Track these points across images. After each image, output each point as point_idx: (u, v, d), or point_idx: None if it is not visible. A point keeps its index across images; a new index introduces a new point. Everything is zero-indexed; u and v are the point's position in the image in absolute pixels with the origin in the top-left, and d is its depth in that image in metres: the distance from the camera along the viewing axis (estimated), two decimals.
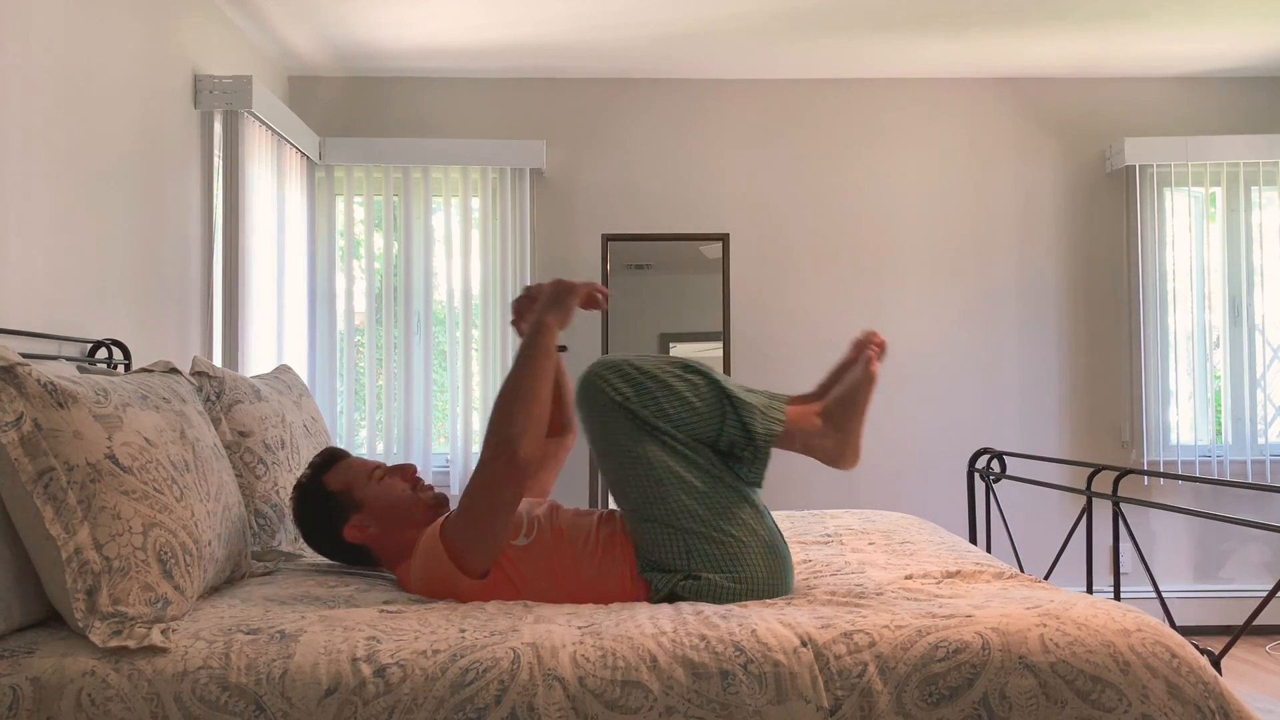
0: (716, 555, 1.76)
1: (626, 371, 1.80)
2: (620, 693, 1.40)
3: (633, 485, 1.79)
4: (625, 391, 1.78)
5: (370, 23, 3.62)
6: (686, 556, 1.76)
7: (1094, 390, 4.29)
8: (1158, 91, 4.31)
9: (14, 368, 1.52)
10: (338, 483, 1.95)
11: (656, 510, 1.77)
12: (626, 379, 1.80)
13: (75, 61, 2.46)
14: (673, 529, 1.76)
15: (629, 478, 1.79)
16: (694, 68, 4.15)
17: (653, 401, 1.78)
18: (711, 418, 1.80)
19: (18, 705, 1.38)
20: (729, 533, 1.77)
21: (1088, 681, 1.42)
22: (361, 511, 1.92)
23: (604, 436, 1.80)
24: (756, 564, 1.77)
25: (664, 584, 1.77)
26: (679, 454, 1.79)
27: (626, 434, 1.78)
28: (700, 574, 1.75)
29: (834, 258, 4.28)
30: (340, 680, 1.40)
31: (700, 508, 1.77)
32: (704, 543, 1.76)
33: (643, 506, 1.78)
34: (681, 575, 1.76)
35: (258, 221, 3.46)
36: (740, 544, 1.77)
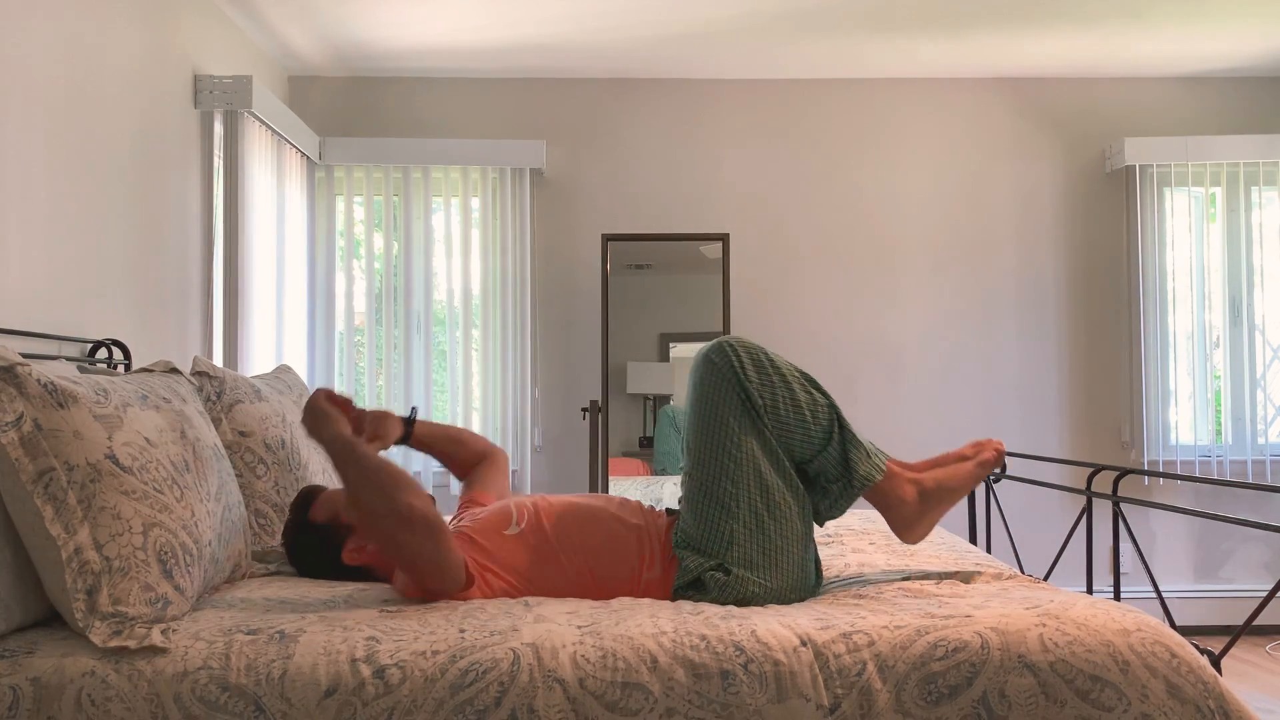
0: (756, 556, 1.78)
1: (759, 358, 1.83)
2: (621, 694, 1.40)
3: (714, 460, 1.80)
4: (752, 376, 1.81)
5: (370, 23, 3.62)
6: (729, 546, 1.78)
7: (1094, 390, 4.29)
8: (1158, 91, 4.31)
9: (14, 368, 1.52)
10: (324, 515, 1.98)
11: (724, 491, 1.79)
12: (757, 365, 1.82)
13: (75, 62, 2.46)
14: (729, 515, 1.78)
15: (715, 452, 1.80)
16: (694, 68, 4.15)
17: (771, 396, 1.81)
18: (817, 438, 1.83)
19: (18, 705, 1.38)
20: (776, 542, 1.79)
21: (1087, 681, 1.42)
22: (354, 535, 1.94)
23: (709, 404, 1.82)
24: (786, 579, 1.80)
25: (695, 566, 1.78)
26: (772, 453, 1.81)
27: (733, 413, 1.80)
28: (733, 568, 1.77)
29: (834, 258, 4.28)
30: (340, 681, 1.40)
31: (764, 509, 1.79)
32: (750, 540, 1.78)
33: (712, 482, 1.80)
34: (714, 564, 1.77)
35: (258, 221, 3.46)
36: (782, 555, 1.79)
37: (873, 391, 4.25)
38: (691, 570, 1.78)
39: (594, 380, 4.14)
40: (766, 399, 1.81)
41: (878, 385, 4.26)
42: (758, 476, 1.80)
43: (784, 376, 1.83)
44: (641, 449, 3.99)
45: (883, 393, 4.25)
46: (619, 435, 3.95)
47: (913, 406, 4.25)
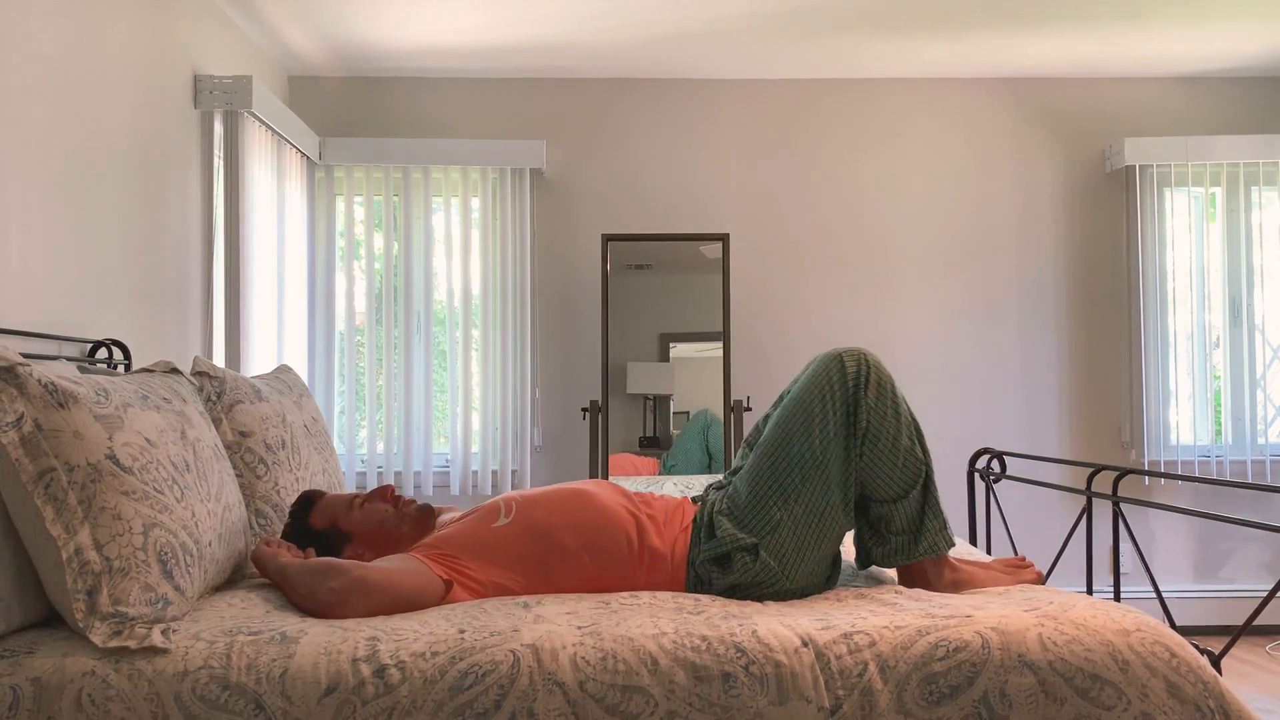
0: (789, 552, 1.79)
1: (885, 386, 1.83)
2: (621, 697, 1.40)
3: (795, 448, 1.81)
4: (871, 397, 1.81)
5: (370, 23, 3.62)
6: (771, 531, 1.80)
7: (1094, 390, 4.29)
8: (1158, 91, 4.31)
9: (14, 368, 1.52)
10: (322, 521, 1.99)
11: (790, 480, 1.81)
12: (880, 391, 1.83)
13: (75, 61, 2.46)
14: (784, 503, 1.80)
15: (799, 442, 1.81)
16: (694, 68, 4.15)
17: (878, 424, 1.81)
18: (896, 486, 1.84)
19: (18, 705, 1.38)
20: (813, 549, 1.81)
21: (1087, 679, 1.42)
22: (353, 541, 1.95)
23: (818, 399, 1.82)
24: (802, 584, 1.81)
25: (729, 538, 1.80)
26: (848, 474, 1.83)
27: (835, 419, 1.81)
28: (763, 552, 1.78)
29: (834, 257, 4.28)
30: (340, 679, 1.40)
31: (817, 514, 1.81)
32: (791, 535, 1.80)
33: (784, 468, 1.82)
34: (750, 541, 1.79)
35: (258, 221, 3.46)
36: (811, 562, 1.81)
37: None
38: (725, 542, 1.79)
39: (594, 380, 4.14)
40: (873, 424, 1.81)
41: None
42: (825, 484, 1.81)
43: (898, 414, 1.84)
44: (642, 449, 3.99)
45: None
46: (619, 435, 3.95)
47: (913, 406, 4.24)
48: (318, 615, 1.64)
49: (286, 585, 1.74)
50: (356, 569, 1.68)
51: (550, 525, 1.82)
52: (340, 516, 1.98)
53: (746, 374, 4.21)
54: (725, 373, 3.90)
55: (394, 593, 1.67)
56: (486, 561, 1.79)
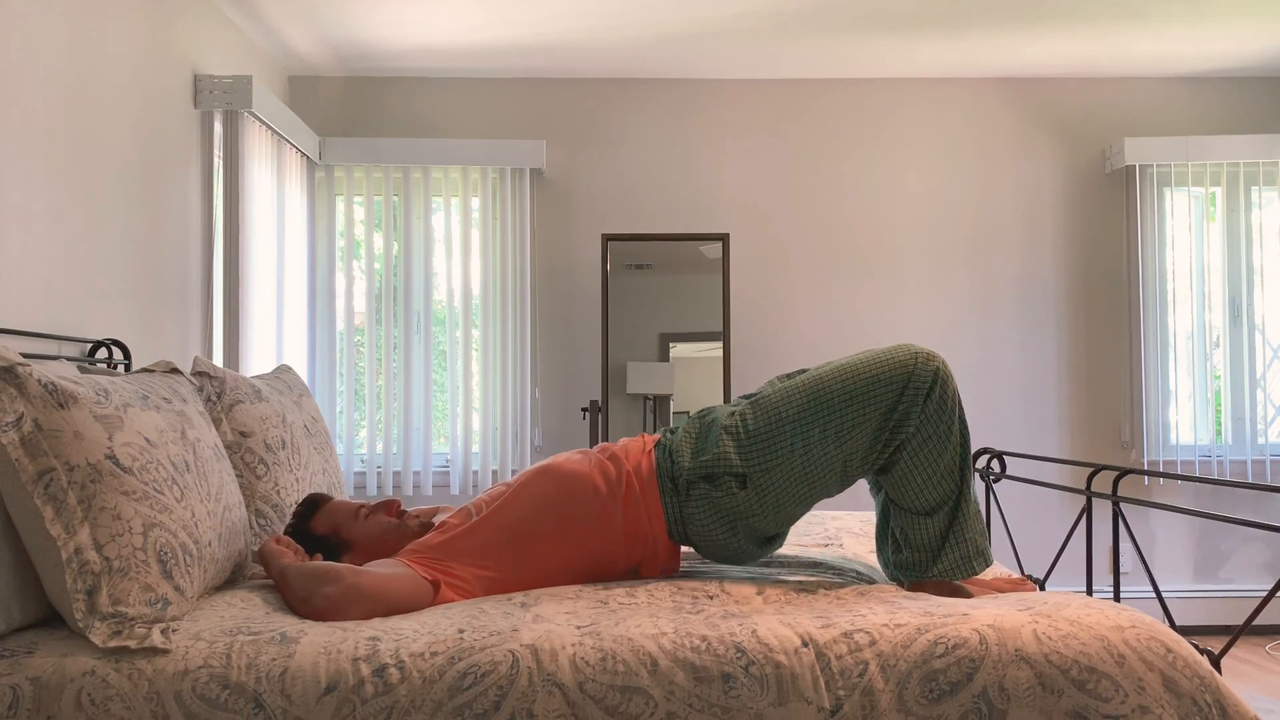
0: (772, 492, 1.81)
1: (950, 401, 1.80)
2: (620, 698, 1.40)
3: (833, 409, 1.79)
4: (932, 406, 1.78)
5: (370, 23, 3.62)
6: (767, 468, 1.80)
7: (1094, 390, 4.29)
8: (1158, 91, 4.31)
9: (14, 368, 1.52)
10: (324, 526, 1.99)
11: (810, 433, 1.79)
12: (943, 403, 1.79)
13: (75, 62, 2.46)
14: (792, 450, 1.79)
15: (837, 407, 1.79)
16: (694, 68, 4.15)
17: (925, 435, 1.78)
18: (920, 503, 1.82)
19: (18, 705, 1.38)
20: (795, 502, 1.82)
21: (1083, 672, 1.42)
22: (352, 550, 1.96)
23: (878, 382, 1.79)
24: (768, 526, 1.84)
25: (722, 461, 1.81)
26: (863, 461, 1.81)
27: (882, 407, 1.78)
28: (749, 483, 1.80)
29: (834, 258, 4.28)
30: (340, 679, 1.40)
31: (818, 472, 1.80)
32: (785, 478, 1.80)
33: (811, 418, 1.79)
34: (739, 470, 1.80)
35: (258, 221, 3.46)
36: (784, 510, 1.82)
37: None
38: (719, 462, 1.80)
39: (594, 380, 4.14)
40: (921, 433, 1.78)
41: None
42: (841, 454, 1.79)
43: (951, 431, 1.80)
44: None
45: None
46: (619, 435, 3.95)
47: None
48: (313, 619, 1.65)
49: (285, 587, 1.75)
50: (351, 575, 1.69)
51: (519, 511, 1.84)
52: (343, 525, 1.98)
53: (746, 374, 4.21)
54: (725, 373, 3.90)
55: (388, 598, 1.68)
56: (466, 559, 1.81)
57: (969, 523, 1.82)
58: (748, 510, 1.80)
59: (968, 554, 1.82)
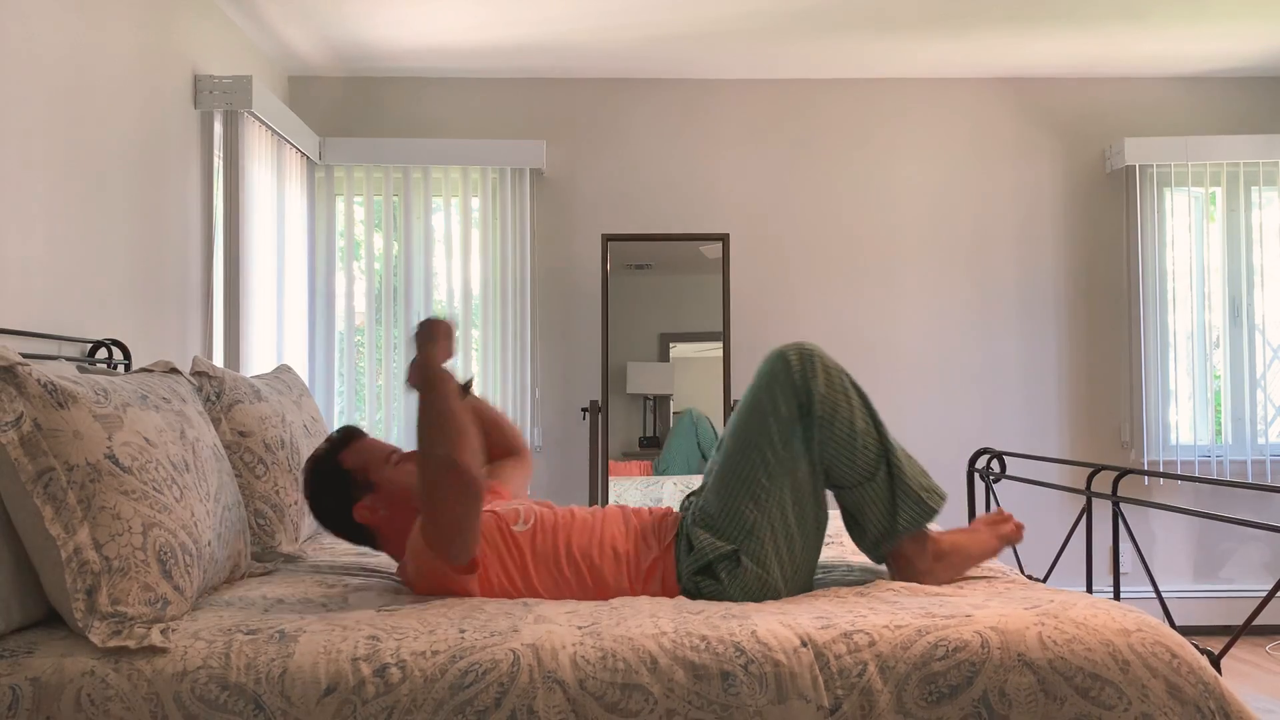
0: (769, 552, 1.79)
1: (834, 372, 1.84)
2: (620, 695, 1.40)
3: (758, 449, 1.81)
4: (821, 385, 1.82)
5: (370, 23, 3.62)
6: (747, 534, 1.79)
7: (1094, 390, 4.29)
8: (1158, 91, 4.31)
9: (14, 368, 1.52)
10: (353, 462, 1.95)
11: (757, 481, 1.80)
12: (830, 377, 1.83)
13: (75, 62, 2.46)
14: (756, 505, 1.79)
15: (760, 443, 1.81)
16: (694, 68, 4.15)
17: (833, 410, 1.81)
18: (860, 469, 1.83)
19: (17, 705, 1.38)
20: (792, 546, 1.81)
21: (1087, 679, 1.42)
22: (374, 493, 1.92)
23: (770, 396, 1.82)
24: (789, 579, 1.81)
25: (708, 547, 1.78)
26: (812, 465, 1.83)
27: (791, 413, 1.81)
28: (744, 558, 1.78)
29: (834, 258, 4.28)
30: (340, 679, 1.40)
31: (792, 511, 1.81)
32: (769, 536, 1.79)
33: (749, 470, 1.80)
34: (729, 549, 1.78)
35: (258, 221, 3.46)
36: (792, 556, 1.81)
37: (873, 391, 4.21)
38: (705, 552, 1.78)
39: (594, 380, 4.14)
40: (826, 411, 1.81)
41: (878, 385, 4.25)
42: (793, 480, 1.81)
43: (849, 399, 1.83)
44: (641, 449, 3.99)
45: (883, 393, 4.24)
46: (619, 435, 3.95)
47: (913, 406, 4.25)
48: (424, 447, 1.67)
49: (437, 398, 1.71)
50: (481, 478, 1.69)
51: (555, 550, 1.82)
52: (372, 466, 1.94)
53: (746, 374, 4.20)
54: (725, 373, 3.90)
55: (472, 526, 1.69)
56: (498, 559, 1.80)
57: (905, 470, 1.85)
58: (757, 583, 1.78)
59: (919, 497, 1.84)
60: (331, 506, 1.95)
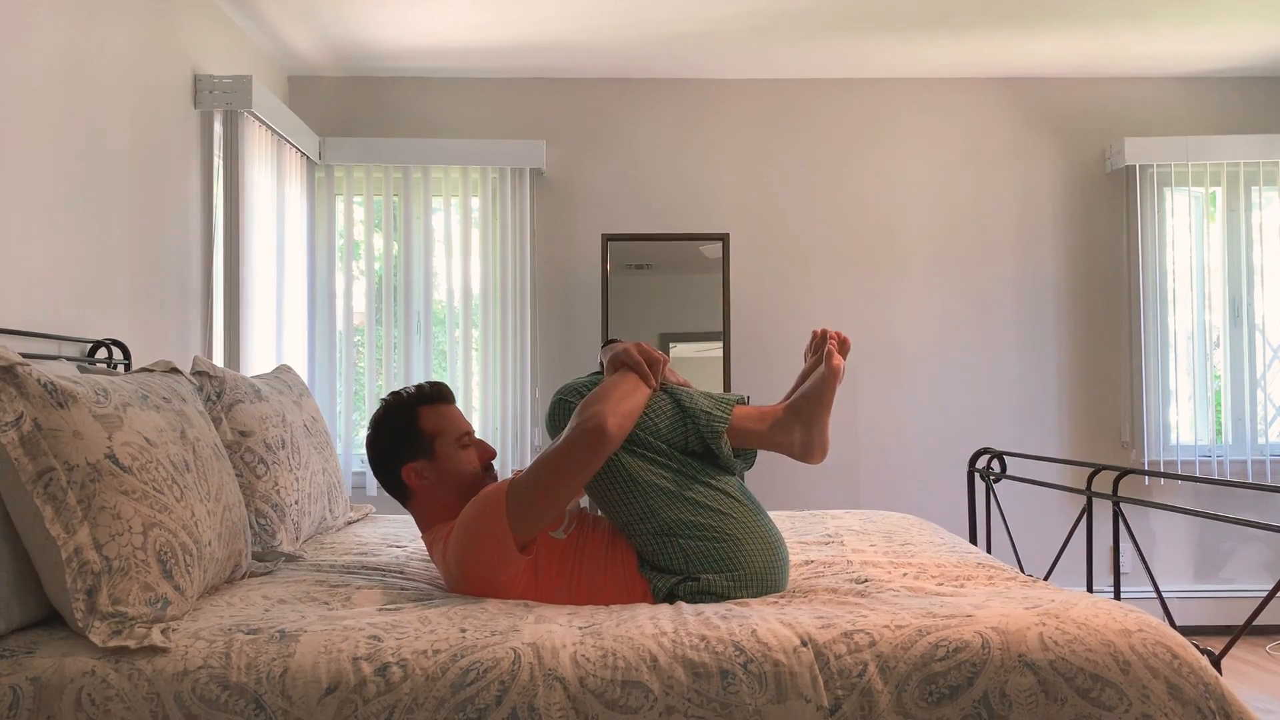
0: (712, 554, 1.79)
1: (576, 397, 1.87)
2: (620, 693, 1.40)
3: (620, 500, 1.82)
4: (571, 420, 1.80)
5: (370, 23, 3.62)
6: (684, 559, 1.79)
7: (1094, 390, 4.29)
8: (1158, 91, 4.31)
9: (14, 368, 1.52)
10: (430, 424, 1.94)
11: (647, 522, 1.81)
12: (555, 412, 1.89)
13: (75, 61, 2.46)
14: (665, 536, 1.80)
15: (616, 496, 1.82)
16: (694, 68, 4.15)
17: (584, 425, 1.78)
18: (676, 426, 1.85)
19: (18, 705, 1.38)
20: (721, 530, 1.80)
21: (1088, 680, 1.42)
22: (430, 460, 1.91)
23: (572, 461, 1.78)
24: (753, 558, 1.80)
25: (663, 584, 1.79)
26: (654, 461, 1.83)
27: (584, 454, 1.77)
28: (699, 575, 1.78)
29: (834, 257, 4.28)
30: (341, 679, 1.40)
31: (690, 512, 1.80)
32: (698, 543, 1.79)
33: (634, 520, 1.82)
34: (680, 577, 1.78)
35: (258, 221, 3.46)
36: (733, 540, 1.80)
37: (873, 391, 4.25)
38: (662, 589, 1.79)
39: None
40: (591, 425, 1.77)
41: (878, 385, 4.26)
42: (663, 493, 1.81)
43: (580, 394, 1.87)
44: None
45: (883, 392, 4.25)
46: None
47: (913, 406, 4.25)
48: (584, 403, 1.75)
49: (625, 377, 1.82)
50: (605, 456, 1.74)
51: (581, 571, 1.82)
52: (442, 434, 1.93)
53: (746, 374, 4.21)
54: (725, 373, 3.90)
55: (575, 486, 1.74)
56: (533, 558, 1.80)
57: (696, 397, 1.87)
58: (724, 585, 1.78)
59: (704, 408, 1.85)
60: (388, 452, 1.94)
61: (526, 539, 1.76)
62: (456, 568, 1.78)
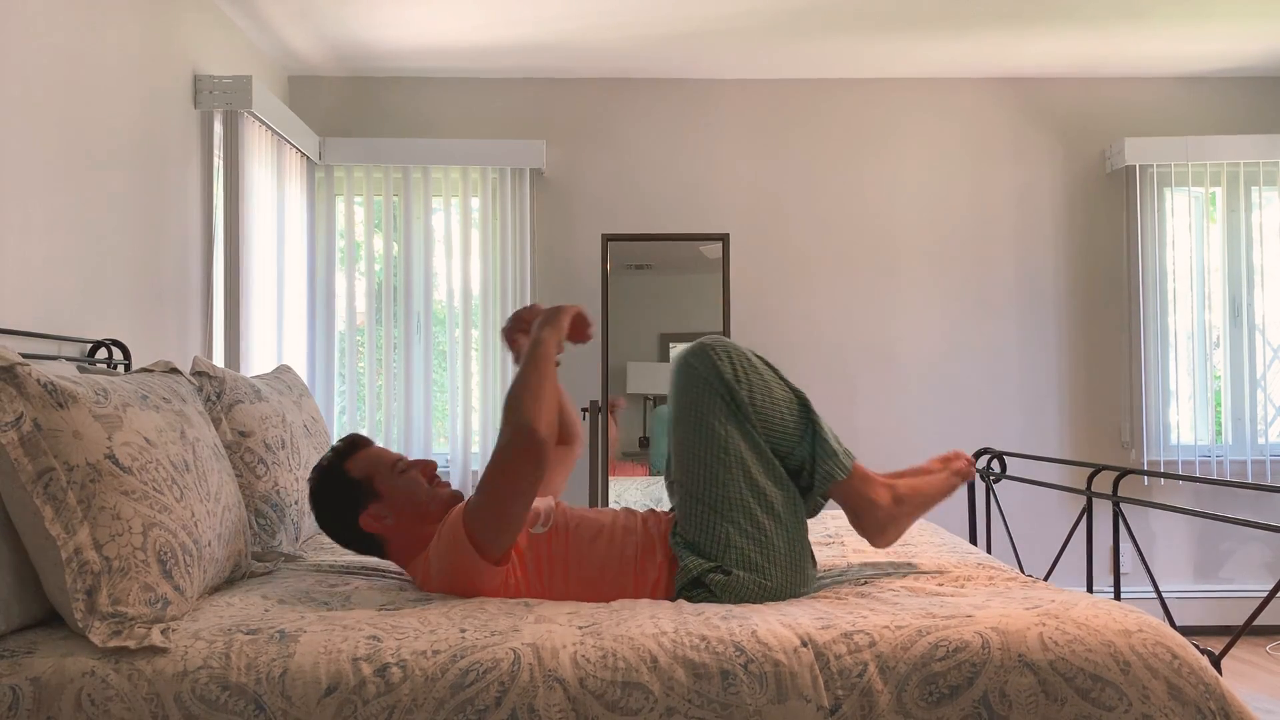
0: (754, 556, 1.79)
1: (739, 356, 1.86)
2: (621, 694, 1.40)
3: (702, 464, 1.82)
4: (738, 375, 1.84)
5: (370, 23, 3.62)
6: (725, 548, 1.79)
7: (1094, 390, 4.29)
8: (1158, 91, 4.31)
9: (14, 368, 1.52)
10: (359, 470, 1.93)
11: (714, 495, 1.81)
12: (737, 363, 1.85)
13: (75, 61, 2.46)
14: (722, 518, 1.80)
15: (702, 457, 1.82)
16: (694, 68, 4.15)
17: (751, 392, 1.84)
18: (794, 432, 1.86)
19: (18, 705, 1.38)
20: (773, 541, 1.81)
21: (1088, 680, 1.42)
22: (380, 501, 1.90)
23: (693, 409, 1.83)
24: (784, 576, 1.81)
25: (694, 566, 1.79)
26: (759, 451, 1.84)
27: (718, 415, 1.82)
28: (732, 569, 1.78)
29: (834, 257, 4.28)
30: (340, 679, 1.40)
31: (758, 508, 1.81)
32: (746, 541, 1.80)
33: (704, 487, 1.82)
34: (713, 566, 1.78)
35: (258, 221, 3.46)
36: (779, 553, 1.81)
37: (873, 391, 4.25)
38: (691, 570, 1.79)
39: (594, 380, 4.14)
40: (748, 394, 1.84)
41: (878, 385, 4.26)
42: (747, 477, 1.82)
43: (761, 374, 1.87)
44: (641, 449, 3.99)
45: (883, 393, 4.25)
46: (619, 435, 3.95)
47: (913, 406, 4.25)
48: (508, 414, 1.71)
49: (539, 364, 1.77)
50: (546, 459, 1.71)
51: (575, 552, 1.82)
52: (378, 474, 1.92)
53: None
54: None
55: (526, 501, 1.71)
56: (518, 560, 1.80)
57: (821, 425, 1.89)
58: (753, 587, 1.78)
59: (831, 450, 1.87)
60: (339, 516, 1.93)
61: (499, 554, 1.75)
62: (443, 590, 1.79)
